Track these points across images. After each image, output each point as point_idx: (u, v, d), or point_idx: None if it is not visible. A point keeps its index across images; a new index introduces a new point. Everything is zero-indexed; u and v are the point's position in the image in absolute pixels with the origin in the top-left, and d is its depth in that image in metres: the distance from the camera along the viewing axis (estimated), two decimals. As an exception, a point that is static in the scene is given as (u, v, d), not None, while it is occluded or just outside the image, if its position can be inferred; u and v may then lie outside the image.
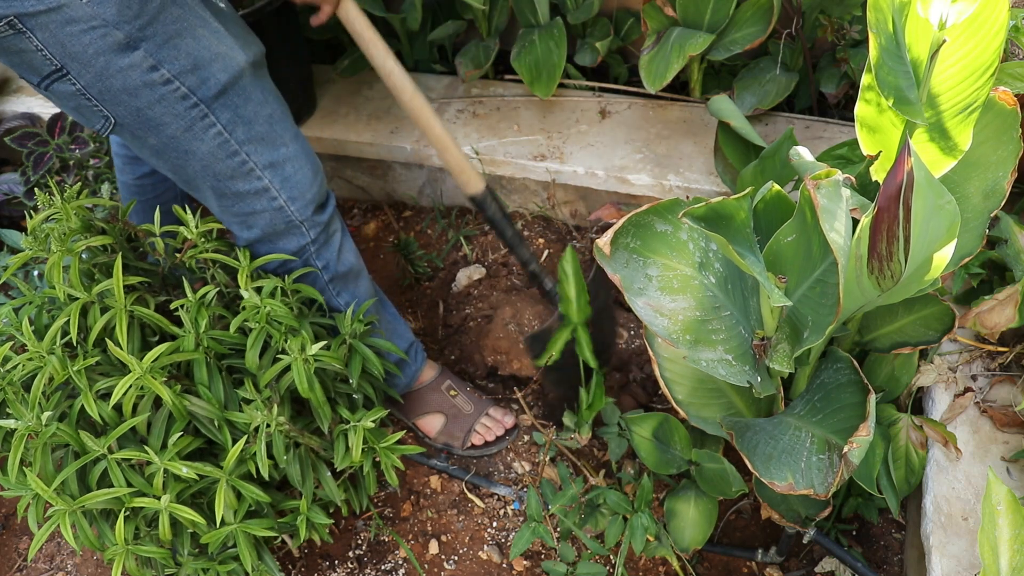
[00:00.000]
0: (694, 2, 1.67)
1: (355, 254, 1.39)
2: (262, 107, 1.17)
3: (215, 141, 1.13)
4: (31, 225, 1.21)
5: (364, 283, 1.42)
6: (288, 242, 1.27)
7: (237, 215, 1.23)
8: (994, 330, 1.26)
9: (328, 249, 1.31)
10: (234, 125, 1.14)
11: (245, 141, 1.15)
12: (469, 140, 1.86)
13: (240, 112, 1.14)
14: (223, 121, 1.13)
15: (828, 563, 1.37)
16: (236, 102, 1.13)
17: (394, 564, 1.46)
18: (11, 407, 1.08)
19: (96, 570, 1.50)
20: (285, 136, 1.20)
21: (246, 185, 1.18)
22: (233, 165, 1.16)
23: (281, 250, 1.27)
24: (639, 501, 1.26)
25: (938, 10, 0.88)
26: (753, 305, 1.06)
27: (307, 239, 1.27)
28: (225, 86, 1.11)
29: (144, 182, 1.54)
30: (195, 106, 1.10)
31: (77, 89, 1.06)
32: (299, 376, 1.14)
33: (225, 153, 1.14)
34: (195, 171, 1.16)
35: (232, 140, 1.14)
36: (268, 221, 1.23)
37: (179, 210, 1.25)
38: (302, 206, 1.24)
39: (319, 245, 1.29)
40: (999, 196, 1.03)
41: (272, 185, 1.20)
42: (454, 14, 1.97)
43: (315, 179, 1.26)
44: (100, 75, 1.04)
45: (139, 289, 1.20)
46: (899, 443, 1.25)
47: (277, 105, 1.21)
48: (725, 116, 1.49)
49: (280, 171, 1.20)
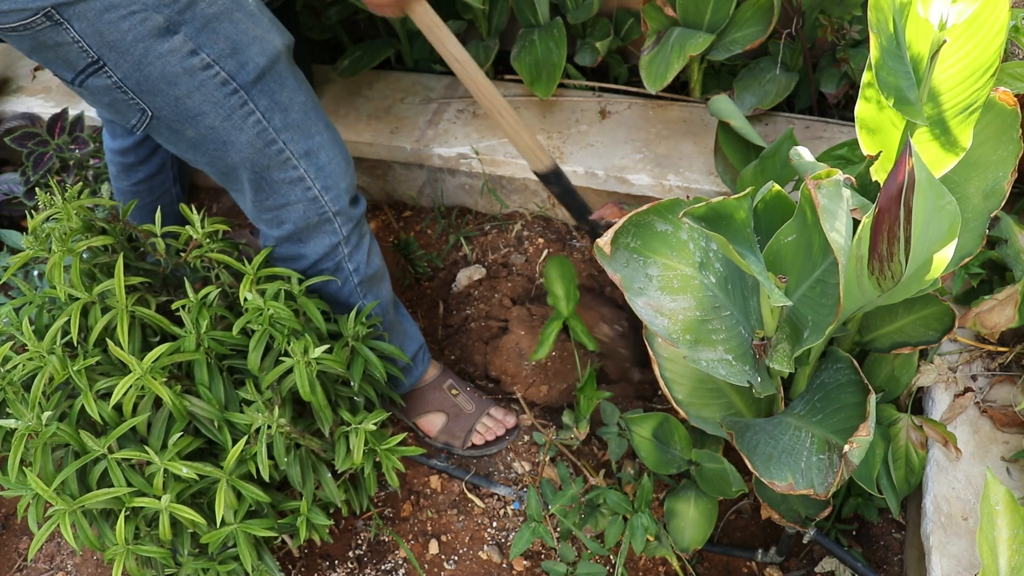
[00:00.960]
0: (694, 2, 1.67)
1: (380, 256, 1.38)
2: (296, 94, 1.15)
3: (254, 130, 1.11)
4: (32, 225, 1.21)
5: (387, 285, 1.41)
6: (319, 240, 1.24)
7: (271, 209, 1.20)
8: (994, 330, 1.26)
9: (360, 251, 1.30)
10: (271, 112, 1.12)
11: (282, 129, 1.14)
12: (469, 140, 1.86)
13: (276, 98, 1.12)
14: (261, 108, 1.11)
15: (828, 563, 1.37)
16: (273, 88, 1.12)
17: (394, 564, 1.46)
18: (11, 407, 1.08)
19: (96, 570, 1.50)
20: (319, 124, 1.19)
21: (282, 174, 1.16)
22: (271, 154, 1.14)
23: (311, 250, 1.24)
24: (639, 501, 1.26)
25: (938, 10, 0.88)
26: (753, 305, 1.06)
27: (339, 236, 1.25)
28: (263, 70, 1.09)
29: (140, 188, 1.53)
30: (234, 92, 1.08)
31: (114, 82, 1.04)
32: (301, 379, 1.14)
33: (263, 142, 1.13)
34: (234, 162, 1.14)
35: (270, 128, 1.13)
36: (301, 214, 1.21)
37: (185, 209, 1.25)
38: (336, 196, 1.22)
39: (352, 247, 1.27)
40: (999, 196, 1.03)
41: (307, 174, 1.18)
42: (454, 14, 1.96)
43: (348, 169, 1.24)
44: (138, 64, 1.03)
45: (140, 289, 1.20)
46: (899, 443, 1.25)
47: (309, 93, 1.19)
48: (725, 116, 1.49)
49: (315, 160, 1.18)
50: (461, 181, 1.93)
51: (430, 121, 1.93)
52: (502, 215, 1.95)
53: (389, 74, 2.07)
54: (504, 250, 1.89)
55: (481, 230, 1.94)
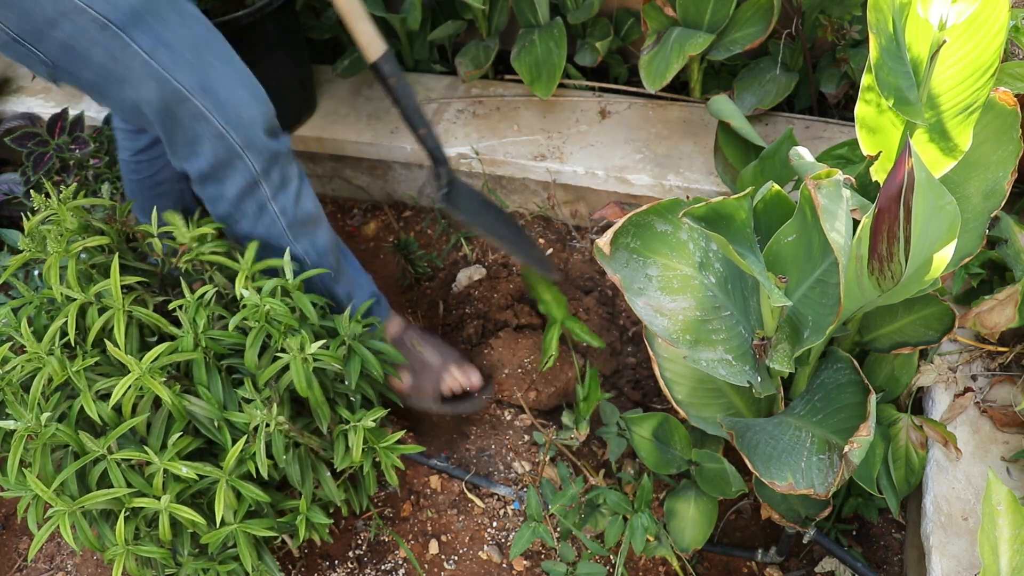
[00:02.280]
0: (694, 2, 1.67)
1: (315, 203, 1.37)
2: (182, 29, 1.17)
3: (142, 68, 1.13)
4: (28, 227, 1.21)
5: (324, 232, 1.40)
6: (235, 179, 1.25)
7: (183, 144, 1.22)
8: (994, 330, 1.26)
9: (286, 193, 1.30)
10: (156, 49, 1.14)
11: (171, 65, 1.15)
12: (469, 140, 1.86)
13: (160, 35, 1.14)
14: (144, 46, 1.13)
15: (828, 563, 1.37)
16: (153, 25, 1.14)
17: (394, 564, 1.46)
18: (10, 408, 1.07)
19: (96, 570, 1.50)
20: (215, 59, 1.20)
21: (182, 110, 1.18)
22: (166, 91, 1.16)
23: (230, 189, 1.26)
24: (639, 501, 1.26)
25: (938, 10, 0.88)
26: (753, 305, 1.06)
27: (253, 173, 1.25)
28: (136, 8, 1.11)
29: (140, 158, 1.54)
30: (112, 32, 1.11)
31: (11, 36, 1.09)
32: (298, 375, 1.14)
33: (154, 79, 1.15)
34: (133, 100, 1.17)
35: (156, 64, 1.14)
36: (212, 149, 1.22)
37: (170, 216, 1.25)
38: (243, 131, 1.22)
39: (274, 187, 1.28)
40: (999, 196, 1.03)
41: (207, 109, 1.19)
42: (454, 14, 1.96)
43: (255, 104, 1.24)
44: (25, 14, 1.08)
45: (137, 289, 1.20)
46: (899, 443, 1.25)
47: (200, 29, 1.20)
48: (725, 116, 1.49)
49: (213, 94, 1.19)
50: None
51: (430, 121, 1.92)
52: (502, 215, 1.95)
53: (389, 74, 2.07)
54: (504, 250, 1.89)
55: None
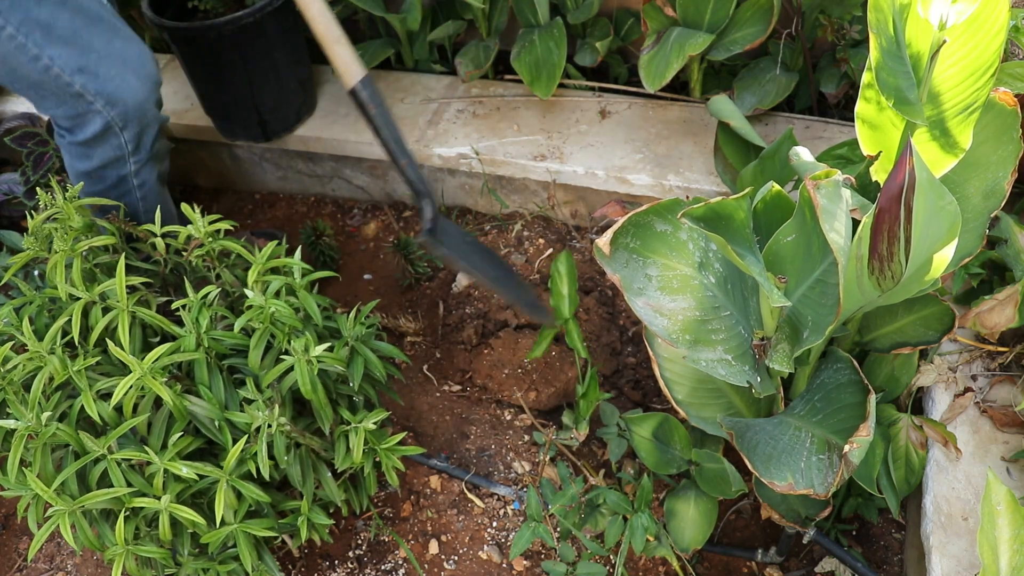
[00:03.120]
0: (694, 2, 1.67)
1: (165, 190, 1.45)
2: (60, 11, 1.18)
3: (11, 44, 1.16)
4: (32, 225, 1.21)
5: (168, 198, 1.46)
6: (106, 150, 1.29)
7: (69, 118, 1.25)
8: (994, 330, 1.26)
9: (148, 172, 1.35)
10: (29, 29, 1.16)
11: (45, 44, 1.17)
12: (469, 140, 1.86)
13: (34, 15, 1.15)
14: (14, 22, 1.15)
15: (828, 563, 1.37)
16: (27, 5, 1.15)
17: (394, 564, 1.46)
18: (11, 407, 1.07)
19: (96, 570, 1.50)
20: (97, 40, 1.22)
21: (58, 87, 1.21)
22: (38, 68, 1.18)
23: (99, 155, 1.29)
24: (639, 501, 1.26)
25: (938, 10, 0.88)
26: (753, 305, 1.06)
27: (125, 151, 1.30)
28: None
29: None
30: None
31: None
32: (302, 377, 1.14)
33: (26, 57, 1.17)
34: (9, 79, 1.21)
35: (29, 44, 1.16)
36: (88, 125, 1.26)
37: (187, 208, 1.25)
38: (122, 112, 1.26)
39: (139, 164, 1.33)
40: (999, 196, 1.03)
41: (85, 89, 1.22)
42: (454, 14, 1.96)
43: (140, 85, 1.26)
44: None
45: (141, 290, 1.20)
46: (899, 443, 1.25)
47: (82, 11, 1.21)
48: (725, 116, 1.49)
49: (93, 75, 1.22)
50: (461, 181, 1.93)
51: (430, 121, 1.93)
52: (502, 215, 1.95)
53: (389, 74, 2.07)
54: (504, 250, 1.89)
55: (481, 230, 1.94)
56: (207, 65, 1.79)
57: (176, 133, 2.03)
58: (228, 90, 1.84)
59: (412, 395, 1.68)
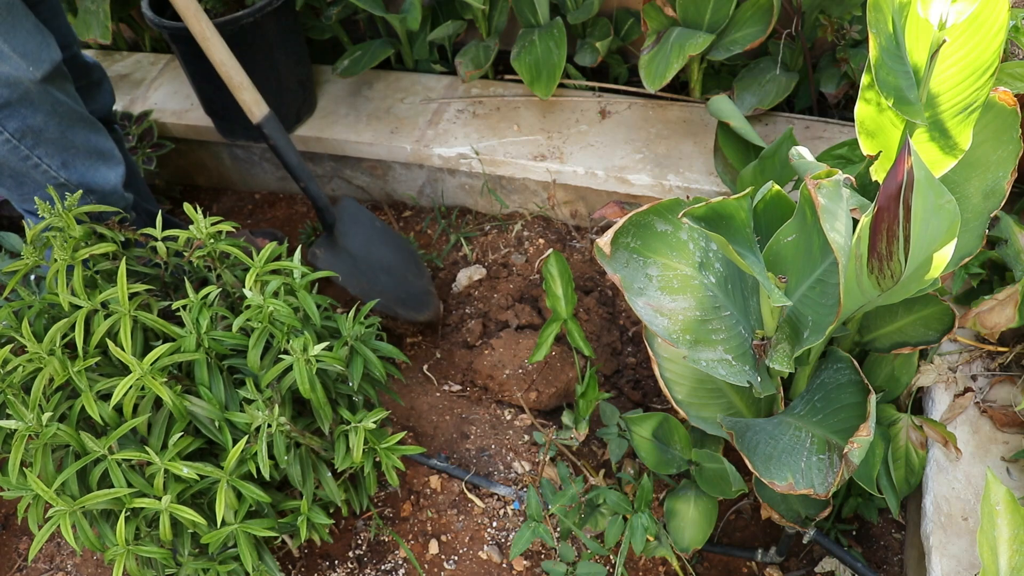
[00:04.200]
0: (694, 2, 1.67)
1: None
2: (51, 118, 1.31)
3: (5, 147, 1.28)
4: (30, 235, 1.21)
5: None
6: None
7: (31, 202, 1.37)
8: (994, 330, 1.26)
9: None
10: (23, 134, 1.28)
11: (34, 146, 1.31)
12: (469, 140, 1.86)
13: (28, 123, 1.28)
14: (10, 130, 1.27)
15: (828, 563, 1.37)
16: (24, 114, 1.27)
17: (394, 564, 1.46)
18: (11, 408, 1.07)
19: (96, 570, 1.50)
20: (76, 140, 1.36)
21: (42, 179, 1.35)
22: (28, 166, 1.33)
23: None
24: (639, 501, 1.26)
25: (938, 10, 0.88)
26: (753, 305, 1.06)
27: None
28: (9, 101, 1.25)
29: None
30: None
31: None
32: (301, 377, 1.14)
33: (17, 157, 1.31)
34: None
35: (22, 146, 1.30)
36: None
37: (189, 208, 1.25)
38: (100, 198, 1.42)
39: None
40: (999, 196, 1.03)
41: (68, 181, 1.37)
42: (454, 14, 1.97)
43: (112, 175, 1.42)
44: None
45: (142, 295, 1.20)
46: (899, 443, 1.25)
47: (70, 114, 1.34)
48: (725, 116, 1.49)
49: (74, 169, 1.37)
50: (461, 181, 1.93)
51: (430, 121, 1.93)
52: (502, 215, 1.95)
53: (389, 74, 2.07)
54: (504, 250, 1.89)
55: (481, 230, 1.94)
56: (207, 65, 1.79)
57: (176, 133, 2.04)
58: (228, 90, 1.84)
59: (412, 395, 1.68)
